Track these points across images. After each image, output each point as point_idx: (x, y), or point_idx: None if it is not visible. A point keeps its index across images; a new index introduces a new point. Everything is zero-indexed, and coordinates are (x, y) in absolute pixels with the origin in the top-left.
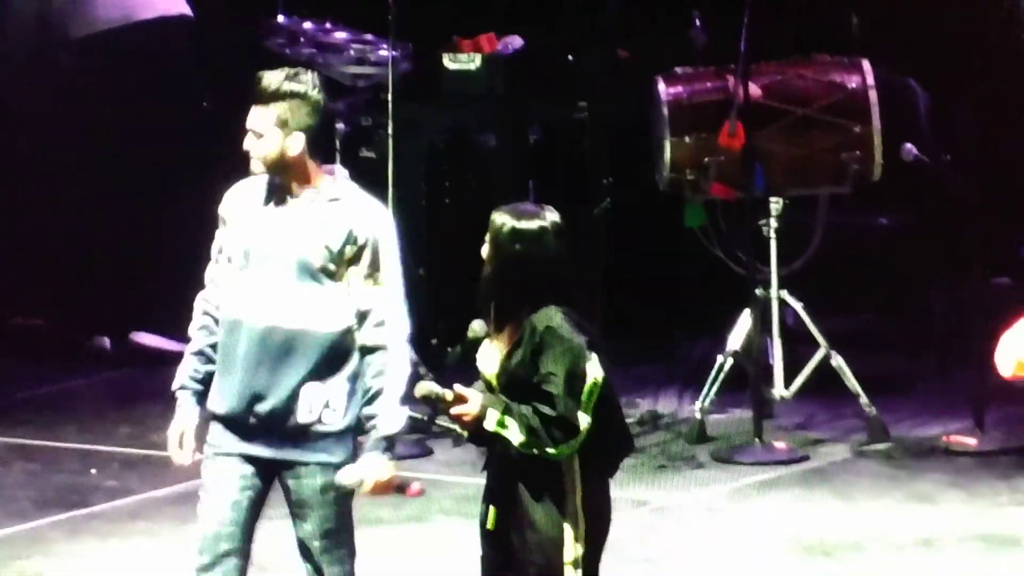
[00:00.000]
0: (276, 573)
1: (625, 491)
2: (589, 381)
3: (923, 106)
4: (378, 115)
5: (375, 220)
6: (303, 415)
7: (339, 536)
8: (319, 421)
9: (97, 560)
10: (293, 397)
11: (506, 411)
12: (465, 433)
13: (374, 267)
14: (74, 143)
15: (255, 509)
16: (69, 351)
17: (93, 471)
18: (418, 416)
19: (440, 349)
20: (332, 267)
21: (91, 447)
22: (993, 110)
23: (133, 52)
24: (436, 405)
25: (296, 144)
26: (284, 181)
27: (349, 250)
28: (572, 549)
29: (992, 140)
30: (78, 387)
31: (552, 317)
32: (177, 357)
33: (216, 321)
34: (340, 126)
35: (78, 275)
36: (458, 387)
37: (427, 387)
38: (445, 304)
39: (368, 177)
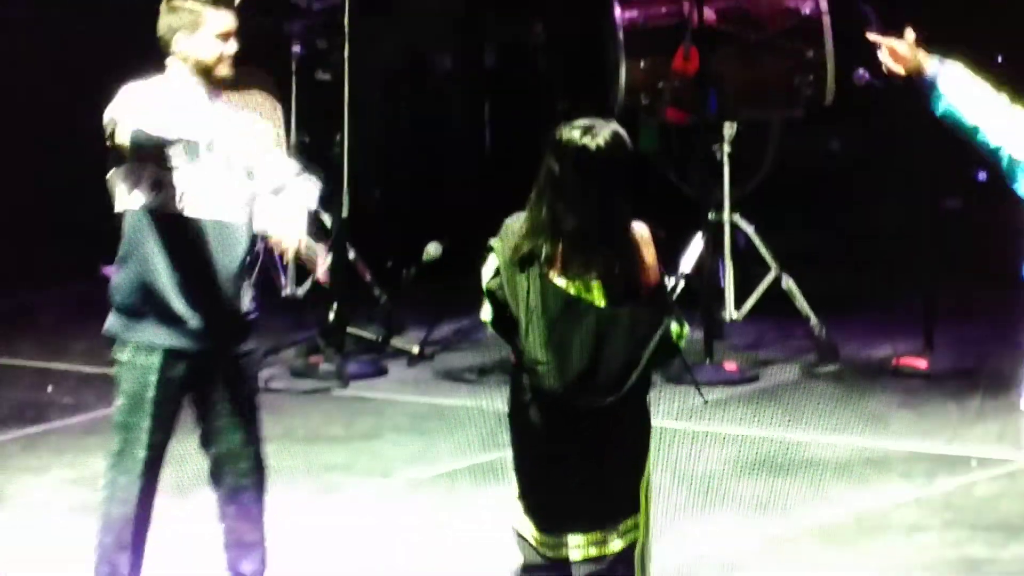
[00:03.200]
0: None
1: None
2: None
3: (877, 30)
4: (334, 37)
5: (276, 106)
6: (244, 305)
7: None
8: (252, 311)
9: (52, 475)
10: (239, 289)
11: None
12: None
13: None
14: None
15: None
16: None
17: (50, 388)
18: (371, 336)
19: (395, 271)
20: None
21: (48, 364)
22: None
23: None
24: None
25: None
26: (215, 82)
27: (270, 136)
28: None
29: None
30: (36, 303)
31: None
32: None
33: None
34: (296, 48)
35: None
36: None
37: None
38: (401, 227)
39: (324, 100)
